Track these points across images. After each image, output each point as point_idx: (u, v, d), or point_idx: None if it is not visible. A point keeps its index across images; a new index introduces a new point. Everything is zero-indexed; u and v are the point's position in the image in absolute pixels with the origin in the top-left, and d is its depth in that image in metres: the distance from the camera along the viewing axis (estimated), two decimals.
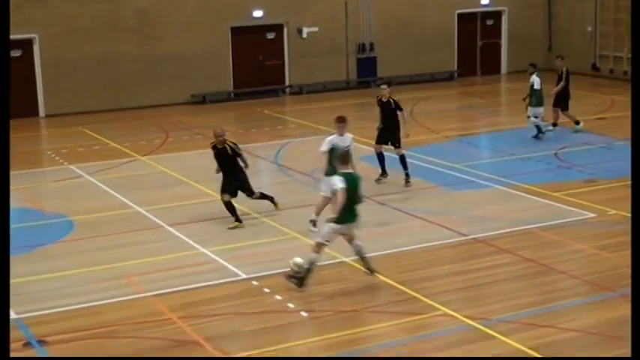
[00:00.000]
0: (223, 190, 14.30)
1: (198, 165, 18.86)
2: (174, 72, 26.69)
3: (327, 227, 11.24)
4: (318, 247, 11.27)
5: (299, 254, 11.71)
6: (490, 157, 19.47)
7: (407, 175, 16.61)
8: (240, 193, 14.53)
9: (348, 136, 13.88)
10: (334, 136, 13.73)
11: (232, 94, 27.86)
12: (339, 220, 11.12)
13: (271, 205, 14.89)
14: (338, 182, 11.02)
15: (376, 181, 16.65)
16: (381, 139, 16.83)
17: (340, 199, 10.94)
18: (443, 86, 29.24)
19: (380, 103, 16.85)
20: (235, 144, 14.50)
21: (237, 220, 14.16)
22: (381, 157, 16.87)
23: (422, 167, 17.91)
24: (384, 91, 16.76)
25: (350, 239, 11.53)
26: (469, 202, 15.54)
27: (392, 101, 16.61)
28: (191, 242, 13.52)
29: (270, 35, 28.52)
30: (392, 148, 16.70)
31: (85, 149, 20.99)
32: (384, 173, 16.85)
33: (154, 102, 26.36)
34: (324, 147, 13.55)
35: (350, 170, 11.42)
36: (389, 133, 16.62)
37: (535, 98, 20.27)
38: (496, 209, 15.06)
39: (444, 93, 28.20)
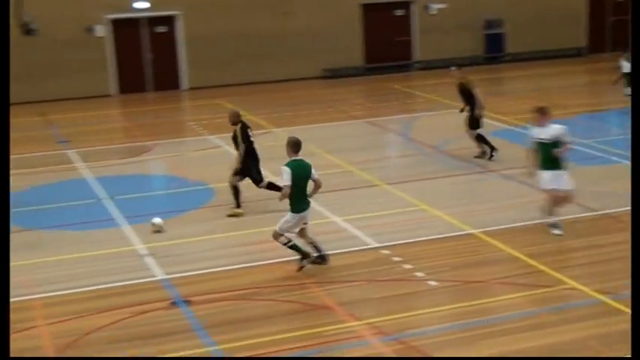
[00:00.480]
0: (235, 172, 13.80)
1: (330, 136, 19.00)
2: (306, 47, 26.85)
3: (283, 219, 11.05)
4: (276, 236, 11.10)
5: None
6: (620, 134, 18.76)
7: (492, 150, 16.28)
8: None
9: (554, 127, 12.16)
10: (536, 128, 12.39)
11: (363, 69, 27.82)
12: (294, 209, 10.91)
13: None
14: (283, 175, 10.81)
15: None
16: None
17: (285, 192, 10.82)
18: (571, 62, 28.35)
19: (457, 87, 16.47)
20: (245, 130, 13.80)
21: (238, 206, 13.72)
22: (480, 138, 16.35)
23: None
24: (453, 73, 16.44)
25: (302, 233, 11.16)
26: (599, 178, 15.06)
27: (461, 84, 16.36)
28: (324, 211, 13.61)
29: (399, 12, 28.28)
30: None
31: (223, 120, 21.35)
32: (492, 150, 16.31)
33: (287, 76, 26.62)
34: (530, 143, 12.44)
35: (299, 157, 10.99)
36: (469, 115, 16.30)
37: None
38: (626, 185, 14.49)
39: (572, 69, 27.35)
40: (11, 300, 10.41)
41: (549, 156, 12.03)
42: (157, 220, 12.96)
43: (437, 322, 9.65)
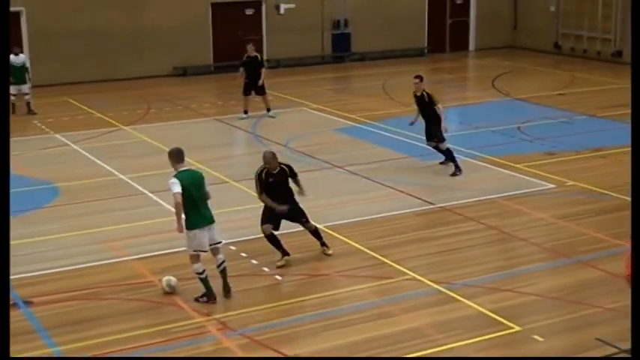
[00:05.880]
0: (268, 220, 11.30)
1: (179, 134, 18.76)
2: (157, 45, 26.39)
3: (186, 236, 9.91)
4: (192, 257, 10.06)
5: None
6: (456, 130, 19.41)
7: (456, 167, 15.31)
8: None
9: None
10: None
11: (212, 67, 27.61)
12: (189, 224, 9.84)
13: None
14: (172, 186, 9.74)
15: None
16: (429, 136, 15.61)
17: (175, 202, 9.70)
18: (414, 62, 29.10)
19: (415, 97, 15.79)
20: (289, 165, 11.62)
21: (285, 253, 11.32)
22: (446, 153, 15.55)
23: (392, 139, 17.90)
24: (417, 85, 15.68)
25: (214, 251, 10.14)
26: (436, 173, 15.54)
27: (425, 94, 15.56)
28: (172, 209, 13.38)
29: (249, 11, 28.25)
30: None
31: (70, 119, 20.76)
32: (453, 165, 15.43)
33: (137, 74, 26.06)
34: None
35: (188, 167, 10.11)
36: (429, 127, 15.52)
37: None
38: (462, 179, 15.06)
39: (414, 68, 28.01)
40: None
41: None
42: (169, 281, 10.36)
43: (283, 316, 9.70)
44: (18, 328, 9.34)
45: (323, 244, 11.61)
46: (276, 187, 11.22)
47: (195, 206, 9.84)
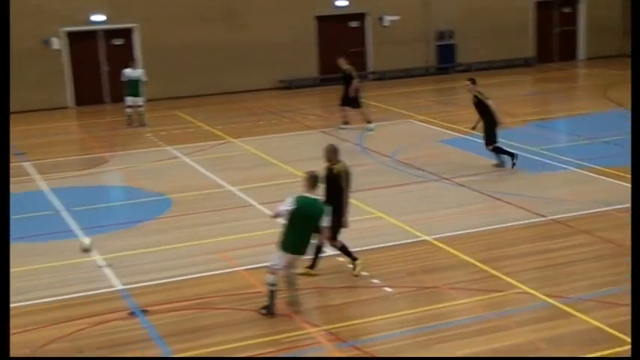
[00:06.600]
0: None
1: (286, 146, 19.03)
2: (263, 59, 26.84)
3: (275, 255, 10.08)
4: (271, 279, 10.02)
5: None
6: (567, 141, 19.05)
7: (500, 161, 16.26)
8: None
9: None
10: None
11: (318, 80, 27.87)
12: (281, 244, 9.99)
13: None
14: (285, 203, 9.92)
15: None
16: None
17: (278, 211, 9.99)
18: (520, 72, 28.70)
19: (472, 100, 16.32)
20: (346, 172, 11.06)
21: (313, 265, 11.30)
22: (498, 150, 16.18)
23: None
24: (467, 87, 16.28)
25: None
26: (547, 184, 15.25)
27: (473, 97, 16.10)
28: (279, 220, 13.55)
29: (354, 23, 28.41)
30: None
31: (181, 132, 21.31)
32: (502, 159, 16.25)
33: (244, 87, 26.58)
34: None
35: (316, 197, 10.03)
36: (485, 129, 16.12)
37: None
38: (574, 191, 14.73)
39: (521, 78, 27.68)
40: None
41: None
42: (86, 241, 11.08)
43: (392, 328, 9.67)
44: (136, 335, 9.64)
45: (355, 259, 11.22)
46: (326, 183, 10.90)
47: (295, 233, 9.91)
